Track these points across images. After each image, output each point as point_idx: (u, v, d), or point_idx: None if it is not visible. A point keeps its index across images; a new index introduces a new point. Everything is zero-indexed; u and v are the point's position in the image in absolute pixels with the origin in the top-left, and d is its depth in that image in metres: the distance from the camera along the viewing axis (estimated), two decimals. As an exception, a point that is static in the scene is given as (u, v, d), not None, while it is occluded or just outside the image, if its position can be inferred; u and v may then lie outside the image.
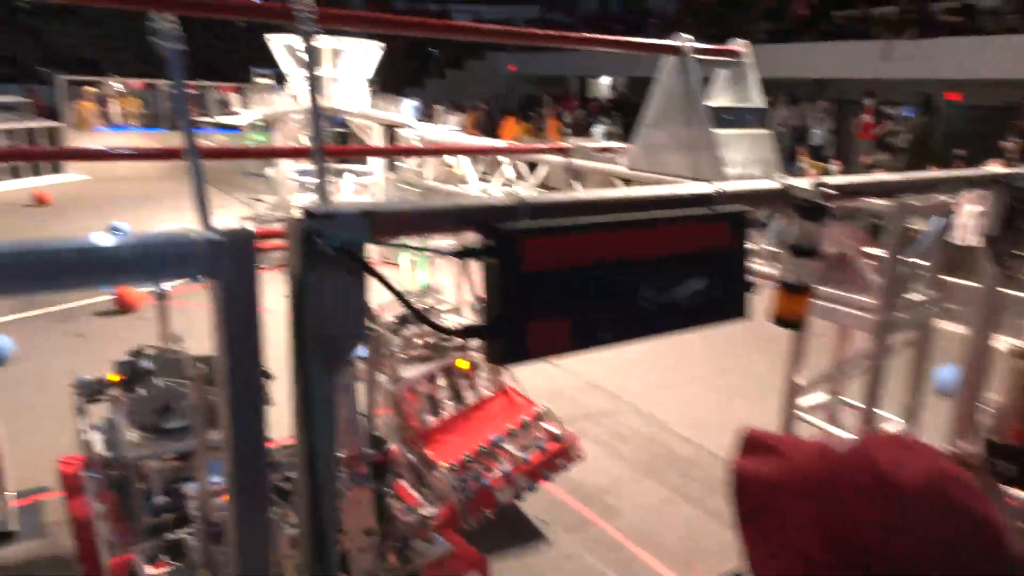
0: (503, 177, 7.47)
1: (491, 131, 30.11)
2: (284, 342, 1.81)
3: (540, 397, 10.68)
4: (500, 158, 7.06)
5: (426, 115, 26.16)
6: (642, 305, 2.13)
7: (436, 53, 39.23)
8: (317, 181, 3.74)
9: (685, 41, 4.73)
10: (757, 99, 4.99)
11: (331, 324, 1.73)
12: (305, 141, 20.57)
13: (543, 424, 7.40)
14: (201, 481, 4.24)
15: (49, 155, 19.36)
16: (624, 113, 30.62)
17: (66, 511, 6.22)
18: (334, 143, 25.48)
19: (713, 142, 4.71)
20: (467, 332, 2.24)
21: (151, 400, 5.00)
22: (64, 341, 11.98)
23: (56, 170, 27.78)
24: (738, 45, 5.03)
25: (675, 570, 6.95)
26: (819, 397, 4.60)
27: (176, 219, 20.84)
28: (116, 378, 5.60)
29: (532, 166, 6.86)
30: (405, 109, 16.92)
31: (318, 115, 3.94)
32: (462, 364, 7.62)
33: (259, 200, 18.16)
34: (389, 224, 1.83)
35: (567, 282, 1.96)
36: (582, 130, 27.74)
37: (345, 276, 1.72)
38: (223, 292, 1.54)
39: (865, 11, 24.88)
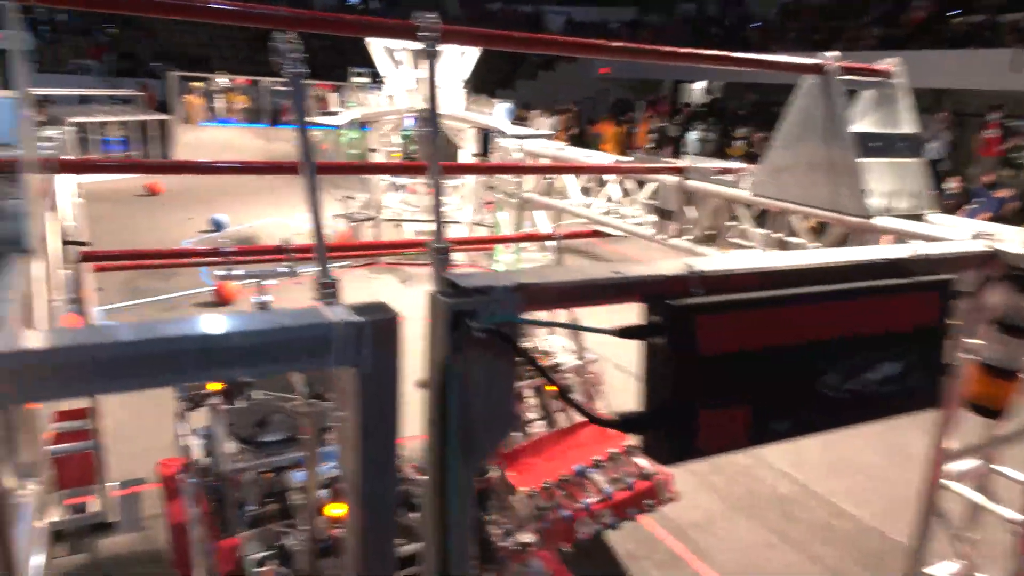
0: (606, 195, 7.15)
1: (581, 136, 29.73)
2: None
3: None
4: (605, 176, 6.76)
5: (518, 118, 26.03)
6: (827, 393, 1.79)
7: (529, 55, 39.08)
8: (433, 208, 3.59)
9: (829, 60, 4.29)
10: (909, 124, 4.48)
11: (477, 412, 1.48)
12: (397, 140, 20.79)
13: (634, 459, 7.01)
14: (311, 493, 4.18)
15: (167, 168, 20.26)
16: (719, 119, 29.65)
17: (164, 513, 6.31)
18: (423, 146, 25.74)
19: (856, 171, 4.25)
20: (624, 424, 1.93)
21: (250, 413, 4.96)
22: (166, 332, 12.43)
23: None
24: (888, 64, 4.53)
25: (775, 623, 6.47)
26: (969, 463, 4.07)
27: (274, 212, 21.46)
28: (216, 387, 5.62)
29: (640, 183, 6.51)
30: (499, 113, 16.77)
31: (435, 134, 3.75)
32: (551, 387, 7.34)
33: (351, 198, 18.41)
34: (544, 297, 1.57)
35: (746, 366, 1.65)
36: (671, 139, 26.97)
37: (494, 359, 1.47)
38: (360, 380, 1.31)
39: (991, 17, 23.11)
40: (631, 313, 1.85)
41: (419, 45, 3.28)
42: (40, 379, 1.03)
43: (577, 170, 7.06)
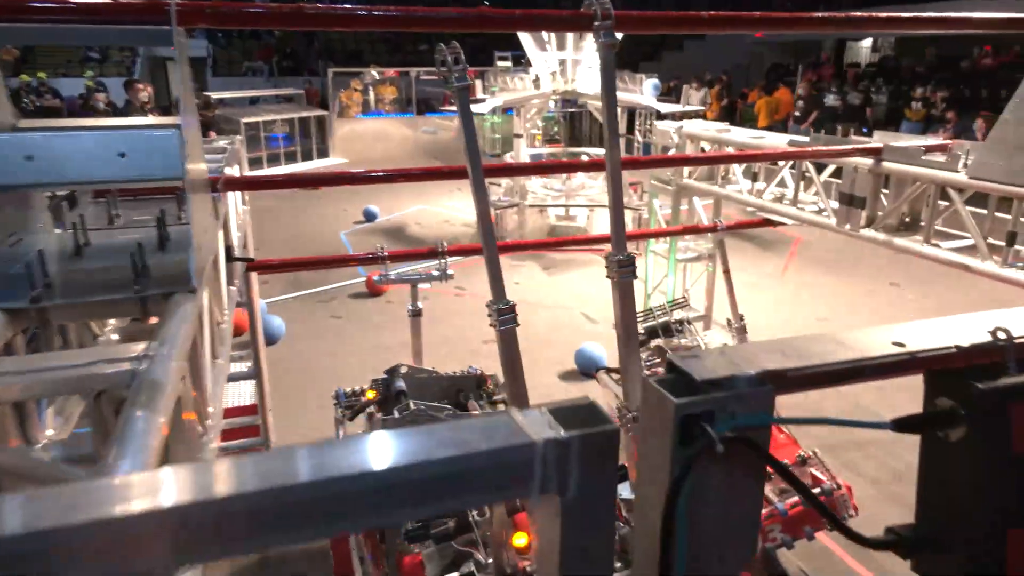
0: (779, 179, 6.43)
1: (732, 108, 28.03)
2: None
3: (798, 412, 9.47)
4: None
5: (663, 93, 24.94)
6: None
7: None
8: (610, 212, 3.45)
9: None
10: None
11: (709, 537, 1.12)
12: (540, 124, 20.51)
13: (809, 470, 6.33)
14: (495, 522, 4.04)
15: (327, 180, 21.29)
16: (890, 80, 26.86)
17: None
18: (563, 127, 25.32)
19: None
20: (895, 542, 1.49)
21: (404, 423, 4.89)
22: (325, 323, 13.01)
23: (324, 156, 30.98)
24: None
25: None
26: None
27: (421, 201, 22.02)
28: (372, 394, 5.64)
29: (820, 167, 5.76)
30: (646, 89, 16.03)
31: (614, 128, 3.45)
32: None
33: (495, 184, 18.45)
34: (800, 383, 1.17)
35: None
36: (839, 110, 24.63)
37: (735, 471, 1.09)
38: (564, 511, 0.99)
39: None
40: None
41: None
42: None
43: (745, 158, 6.41)
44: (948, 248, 4.77)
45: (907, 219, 5.36)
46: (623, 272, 3.93)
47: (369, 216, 20.93)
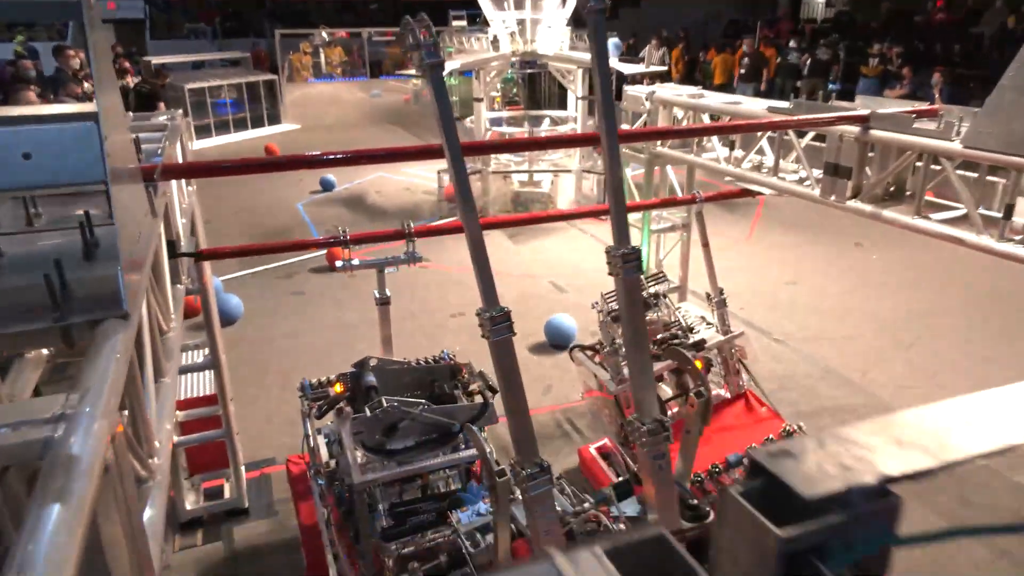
0: (758, 147, 6.16)
1: (692, 67, 27.72)
2: None
3: (768, 382, 9.43)
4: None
5: (623, 52, 24.48)
6: None
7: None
8: (607, 189, 3.12)
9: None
10: None
11: None
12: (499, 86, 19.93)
13: (796, 442, 6.22)
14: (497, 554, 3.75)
15: (282, 165, 20.56)
16: (845, 36, 26.76)
17: (295, 513, 6.17)
18: (523, 89, 24.70)
19: None
20: None
21: (376, 421, 4.58)
22: (286, 300, 12.51)
23: (274, 122, 29.90)
24: None
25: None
26: None
27: (379, 169, 21.33)
28: (340, 388, 5.30)
29: (800, 133, 5.50)
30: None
31: (608, 97, 3.12)
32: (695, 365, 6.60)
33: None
34: (931, 489, 0.89)
35: None
36: (801, 67, 24.42)
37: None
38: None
39: None
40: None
41: None
42: None
43: (723, 130, 6.11)
44: (939, 220, 4.59)
45: (892, 188, 5.17)
46: (628, 267, 3.55)
47: (326, 185, 20.23)
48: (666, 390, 7.37)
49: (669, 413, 6.96)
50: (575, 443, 8.05)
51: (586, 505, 3.99)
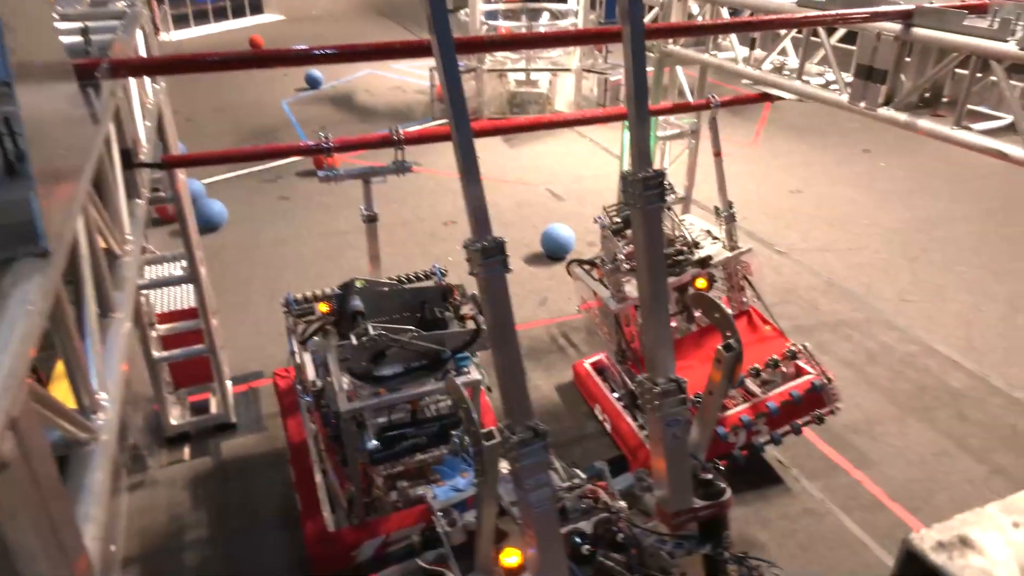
0: (781, 47, 5.58)
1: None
2: None
3: (770, 295, 9.17)
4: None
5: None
6: None
7: None
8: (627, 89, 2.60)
9: None
10: None
11: None
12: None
13: (798, 362, 6.01)
14: (482, 538, 3.38)
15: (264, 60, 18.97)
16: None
17: (282, 427, 6.00)
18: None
19: None
20: None
21: (363, 349, 4.30)
22: (271, 204, 12.03)
23: (257, 11, 28.28)
24: None
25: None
26: None
27: (369, 66, 20.27)
28: (325, 308, 4.98)
29: (829, 31, 4.93)
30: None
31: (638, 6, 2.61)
32: (700, 284, 6.30)
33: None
34: None
35: None
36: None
37: None
38: None
39: None
40: None
41: None
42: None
43: (746, 26, 5.47)
44: (982, 131, 4.15)
45: (927, 95, 4.71)
46: (650, 195, 2.88)
47: (312, 82, 19.26)
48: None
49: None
50: (570, 358, 7.87)
51: (577, 480, 3.64)
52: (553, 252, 9.93)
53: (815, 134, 15.14)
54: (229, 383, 7.01)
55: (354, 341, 4.28)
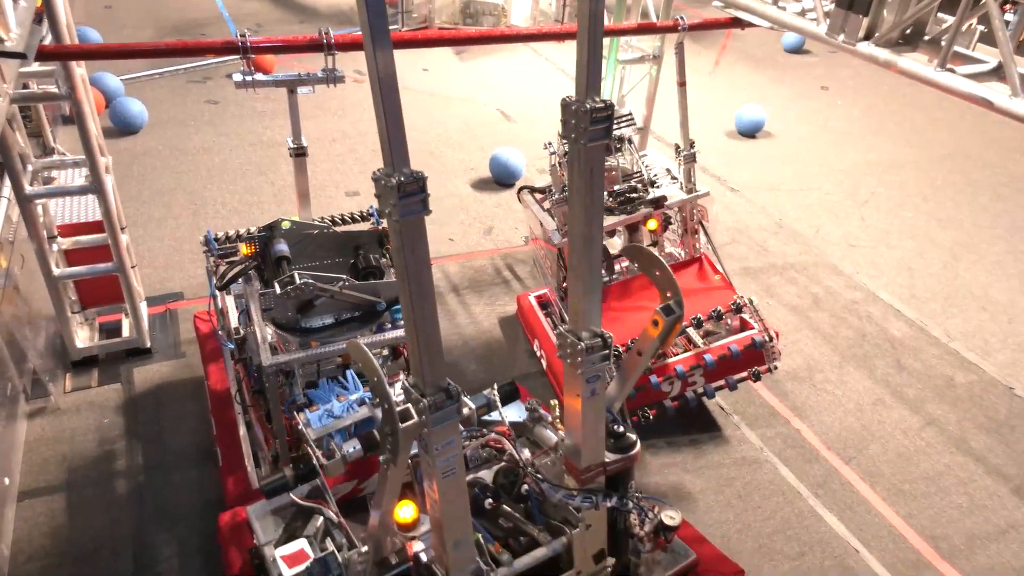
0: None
1: None
2: None
3: (720, 235, 8.98)
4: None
5: None
6: None
7: None
8: None
9: None
10: None
11: None
12: None
13: (743, 315, 5.82)
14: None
15: None
16: None
17: (204, 377, 5.52)
18: None
19: None
20: None
21: (288, 299, 3.85)
22: (198, 108, 11.06)
23: None
24: None
25: (885, 497, 5.68)
26: None
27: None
28: (247, 250, 4.47)
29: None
30: None
31: None
32: (651, 225, 5.99)
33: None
34: None
35: None
36: None
37: None
38: None
39: None
40: None
41: None
42: None
43: None
44: (967, 75, 3.84)
45: (908, 31, 4.36)
46: (595, 130, 2.44)
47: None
48: (616, 243, 6.81)
49: (617, 269, 6.45)
50: (513, 292, 7.55)
51: (464, 412, 3.27)
52: (501, 178, 9.45)
53: (773, 67, 14.77)
54: (143, 304, 6.45)
55: (278, 290, 3.83)
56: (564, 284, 6.01)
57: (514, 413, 3.61)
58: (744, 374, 5.67)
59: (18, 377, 5.56)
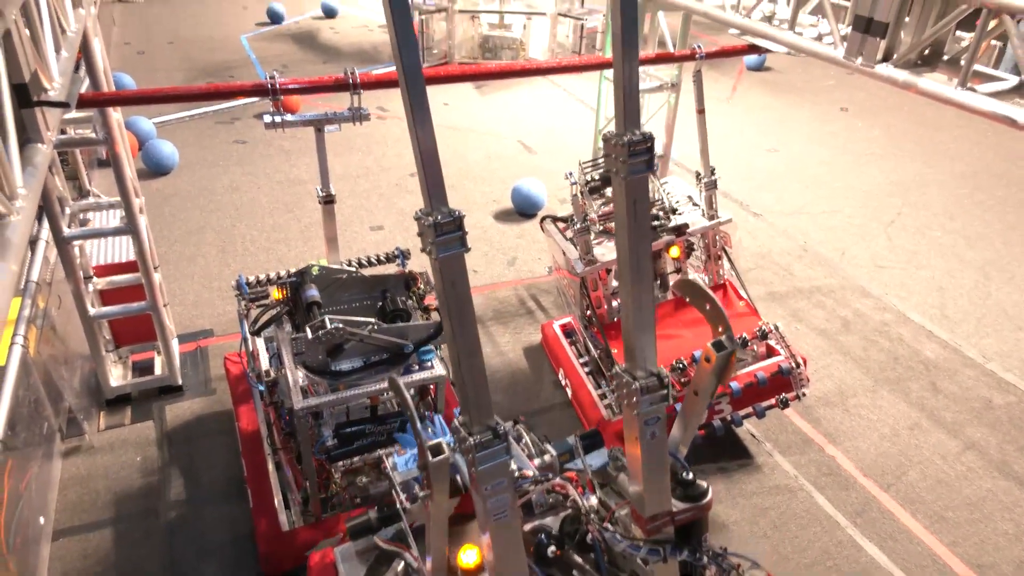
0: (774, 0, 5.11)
1: None
2: None
3: (745, 261, 8.91)
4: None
5: None
6: None
7: None
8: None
9: None
10: None
11: None
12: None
13: (769, 342, 5.75)
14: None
15: None
16: None
17: (235, 419, 5.58)
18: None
19: None
20: None
21: (319, 344, 3.92)
22: (227, 148, 11.35)
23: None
24: None
25: (927, 525, 5.52)
26: None
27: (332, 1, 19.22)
28: (279, 295, 4.56)
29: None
30: None
31: None
32: (674, 252, 5.98)
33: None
34: None
35: None
36: None
37: None
38: None
39: None
40: None
41: None
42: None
43: None
44: (988, 93, 3.83)
45: (926, 52, 4.36)
46: (636, 163, 2.41)
47: (274, 17, 18.25)
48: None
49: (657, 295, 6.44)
50: (538, 321, 7.56)
51: (539, 463, 3.21)
52: (524, 208, 9.52)
53: (791, 91, 14.80)
54: (175, 342, 6.56)
55: (309, 334, 3.90)
56: (588, 313, 6.01)
57: (597, 461, 3.48)
58: (772, 401, 5.59)
59: (54, 417, 5.67)
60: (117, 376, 6.32)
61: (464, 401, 2.51)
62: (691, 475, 3.04)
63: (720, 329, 2.87)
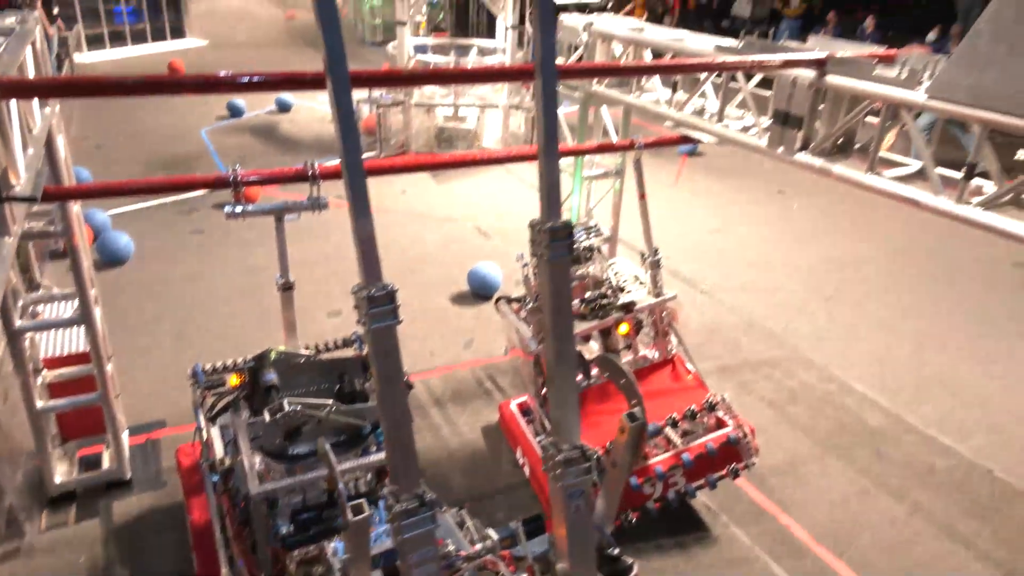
0: (702, 91, 5.64)
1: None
2: None
3: (694, 336, 9.20)
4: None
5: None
6: None
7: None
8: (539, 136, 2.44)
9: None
10: None
11: None
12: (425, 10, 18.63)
13: (718, 413, 5.96)
14: None
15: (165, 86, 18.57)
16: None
17: (186, 511, 5.49)
18: (449, 15, 23.33)
19: None
20: None
21: (276, 427, 3.97)
22: (184, 239, 11.42)
23: (178, 35, 27.44)
24: None
25: (879, 592, 5.62)
26: None
27: (294, 95, 19.81)
28: (236, 380, 4.63)
29: (749, 76, 5.01)
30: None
31: (551, 44, 2.43)
32: (623, 329, 6.22)
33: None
34: None
35: None
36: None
37: None
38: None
39: None
40: None
41: None
42: None
43: (666, 69, 5.50)
44: (894, 178, 4.24)
45: (840, 140, 4.81)
46: (557, 247, 2.71)
47: (234, 111, 18.68)
48: (593, 348, 7.01)
49: (592, 374, 6.61)
50: (495, 401, 7.64)
51: (480, 547, 3.34)
52: (480, 290, 9.75)
53: (732, 175, 15.61)
54: (125, 434, 6.44)
55: (267, 417, 3.95)
56: (543, 391, 6.15)
57: (539, 548, 3.52)
58: (723, 472, 5.73)
59: (-6, 516, 5.49)
60: (62, 472, 6.15)
61: (393, 469, 2.61)
62: (617, 550, 3.14)
63: (633, 402, 3.05)
